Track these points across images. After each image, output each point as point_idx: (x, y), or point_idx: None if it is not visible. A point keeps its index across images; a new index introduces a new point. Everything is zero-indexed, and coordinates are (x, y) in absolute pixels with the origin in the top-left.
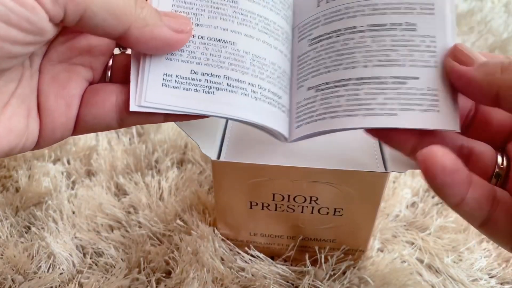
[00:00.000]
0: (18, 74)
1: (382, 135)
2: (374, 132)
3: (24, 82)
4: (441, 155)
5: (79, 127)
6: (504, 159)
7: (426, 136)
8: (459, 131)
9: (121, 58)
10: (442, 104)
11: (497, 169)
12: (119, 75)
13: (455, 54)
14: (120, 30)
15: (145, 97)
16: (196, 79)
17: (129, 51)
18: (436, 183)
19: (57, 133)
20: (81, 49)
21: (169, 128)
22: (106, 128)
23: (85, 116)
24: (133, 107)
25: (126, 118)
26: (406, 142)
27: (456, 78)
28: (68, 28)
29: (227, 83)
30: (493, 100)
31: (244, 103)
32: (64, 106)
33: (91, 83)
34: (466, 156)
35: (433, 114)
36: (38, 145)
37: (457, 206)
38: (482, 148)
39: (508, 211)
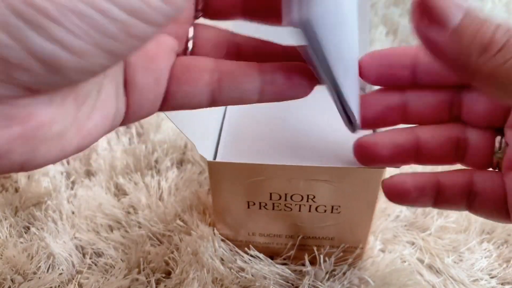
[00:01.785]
0: None
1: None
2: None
3: None
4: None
5: (167, 104)
6: (502, 142)
7: None
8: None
9: (209, 29)
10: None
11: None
12: (206, 48)
13: (426, 4)
14: None
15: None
16: None
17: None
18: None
19: (144, 110)
20: None
21: (169, 128)
22: (195, 106)
23: (175, 93)
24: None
25: (219, 97)
26: None
27: (424, 40)
28: None
29: None
30: (469, 80)
31: None
32: (153, 82)
33: (177, 55)
34: (463, 149)
35: None
36: (122, 123)
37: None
38: (476, 138)
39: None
